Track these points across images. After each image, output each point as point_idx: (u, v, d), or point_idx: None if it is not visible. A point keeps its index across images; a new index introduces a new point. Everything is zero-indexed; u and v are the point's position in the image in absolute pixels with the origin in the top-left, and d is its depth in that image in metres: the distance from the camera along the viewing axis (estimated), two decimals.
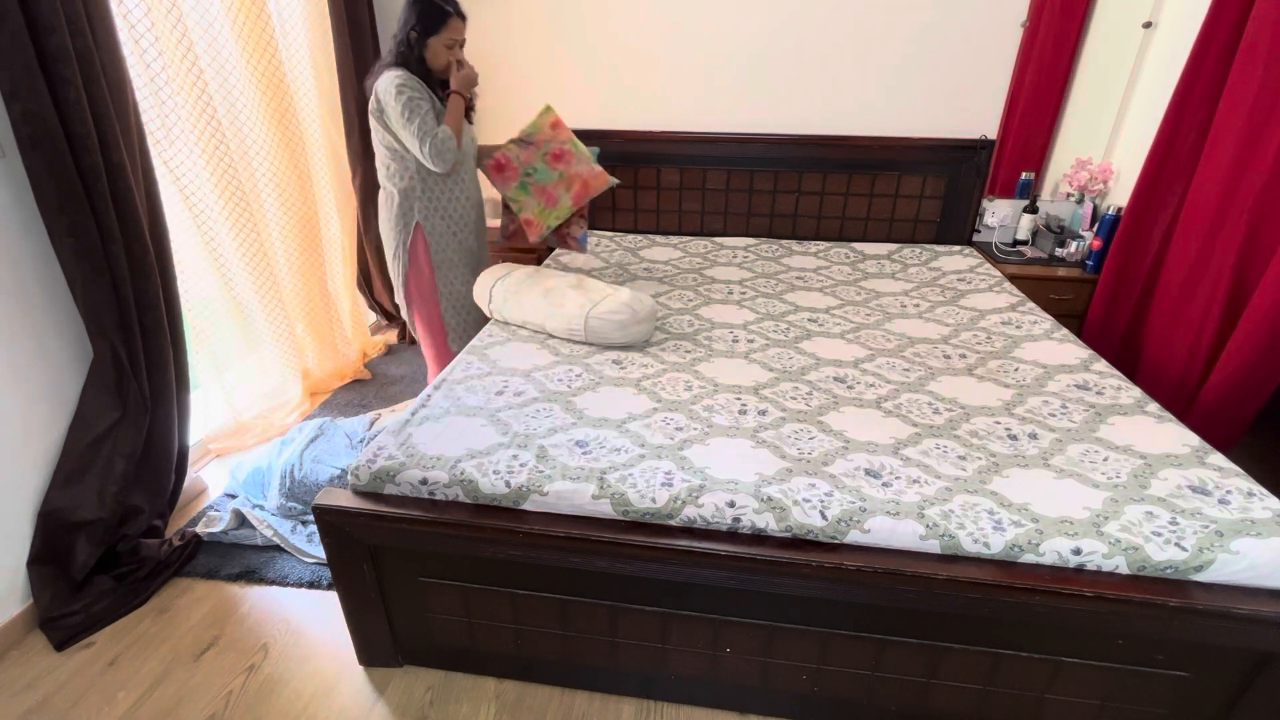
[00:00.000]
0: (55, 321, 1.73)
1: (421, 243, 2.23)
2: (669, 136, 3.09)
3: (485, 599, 1.49)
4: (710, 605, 1.39)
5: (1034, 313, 2.33)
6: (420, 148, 2.02)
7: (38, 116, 1.50)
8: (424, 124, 2.01)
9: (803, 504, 1.34)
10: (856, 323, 2.28)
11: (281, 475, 2.14)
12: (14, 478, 1.67)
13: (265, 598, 1.87)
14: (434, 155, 2.03)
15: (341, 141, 2.94)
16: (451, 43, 2.06)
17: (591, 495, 1.37)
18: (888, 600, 1.28)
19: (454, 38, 2.06)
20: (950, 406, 1.73)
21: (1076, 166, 2.92)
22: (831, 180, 3.07)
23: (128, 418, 1.81)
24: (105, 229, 1.66)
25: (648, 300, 2.09)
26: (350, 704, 1.57)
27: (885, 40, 2.88)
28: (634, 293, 2.07)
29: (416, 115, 2.00)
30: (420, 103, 2.01)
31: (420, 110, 2.01)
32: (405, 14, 2.02)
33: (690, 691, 1.55)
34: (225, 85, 2.30)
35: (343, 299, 3.10)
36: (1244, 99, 2.09)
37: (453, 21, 2.04)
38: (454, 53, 2.08)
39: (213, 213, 2.29)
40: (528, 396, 1.76)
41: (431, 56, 2.06)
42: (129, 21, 1.91)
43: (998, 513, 1.31)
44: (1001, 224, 3.08)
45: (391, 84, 1.99)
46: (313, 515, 1.44)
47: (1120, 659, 1.28)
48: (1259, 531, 1.24)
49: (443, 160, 2.05)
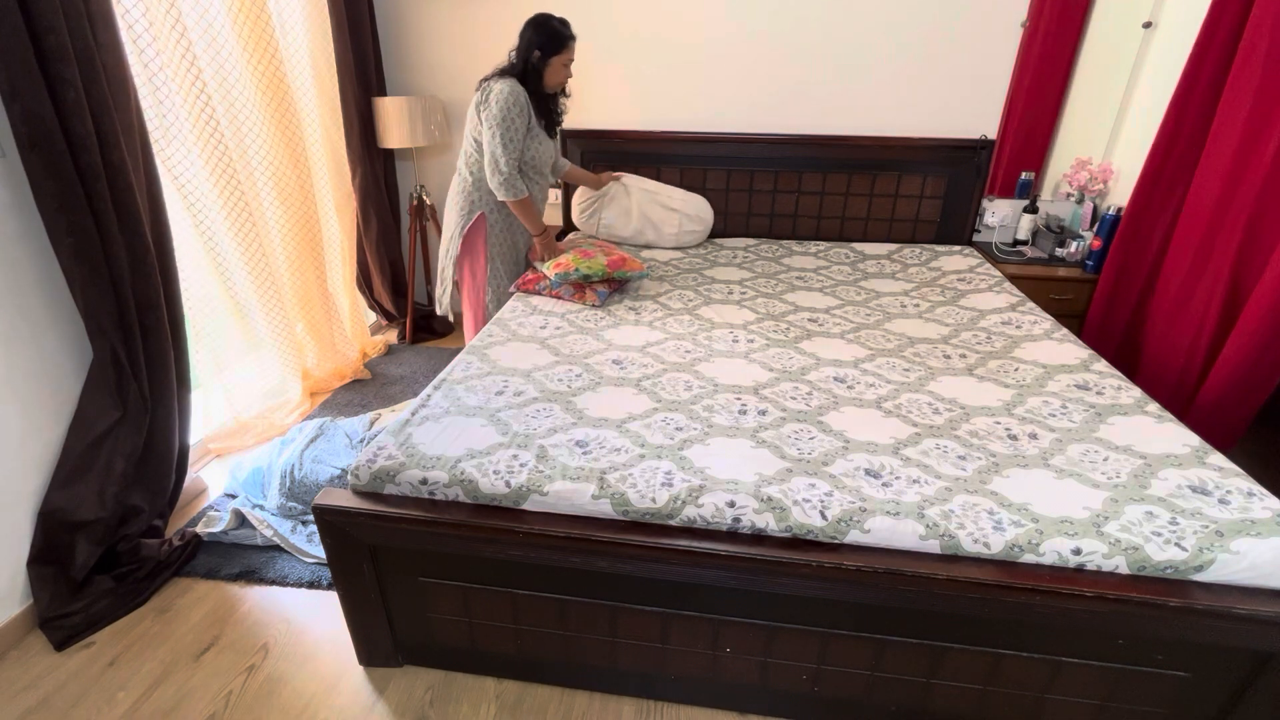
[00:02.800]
0: (55, 321, 1.73)
1: (482, 231, 2.49)
2: (669, 136, 3.09)
3: (485, 599, 1.49)
4: (710, 605, 1.39)
5: (1034, 313, 2.33)
6: (494, 168, 2.31)
7: (37, 116, 1.50)
8: (508, 152, 2.29)
9: (803, 504, 1.34)
10: (856, 323, 2.28)
11: (281, 475, 2.14)
12: (14, 478, 1.67)
13: (265, 598, 1.87)
14: (499, 183, 2.32)
15: (341, 141, 2.94)
16: (568, 61, 2.35)
17: (591, 495, 1.37)
18: (888, 600, 1.28)
19: (570, 58, 2.35)
20: (950, 406, 1.73)
21: (1076, 166, 2.92)
22: (831, 180, 3.07)
23: (128, 418, 1.81)
24: (105, 229, 1.66)
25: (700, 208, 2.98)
26: (350, 704, 1.57)
27: (885, 40, 2.88)
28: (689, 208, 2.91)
29: (510, 141, 2.29)
30: (518, 130, 2.30)
31: (515, 138, 2.30)
32: (530, 36, 2.28)
33: (690, 691, 1.55)
34: (225, 85, 2.30)
35: (343, 299, 3.10)
36: (1243, 99, 2.10)
37: (571, 44, 2.33)
38: (568, 70, 2.37)
39: (213, 213, 2.29)
40: (528, 396, 1.76)
41: (551, 74, 2.34)
42: (128, 21, 1.91)
43: (998, 513, 1.31)
44: (1001, 224, 3.08)
45: (507, 95, 2.25)
46: (313, 515, 1.44)
47: (1120, 659, 1.28)
48: (1259, 531, 1.24)
49: (500, 192, 2.35)
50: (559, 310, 2.37)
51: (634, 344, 2.09)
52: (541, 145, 2.45)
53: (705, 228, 3.09)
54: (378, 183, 3.16)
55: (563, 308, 2.40)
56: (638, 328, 2.22)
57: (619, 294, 2.51)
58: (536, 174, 2.51)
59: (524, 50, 2.29)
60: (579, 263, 2.40)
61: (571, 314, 2.34)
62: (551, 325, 2.24)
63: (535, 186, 2.53)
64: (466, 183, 2.46)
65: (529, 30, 2.28)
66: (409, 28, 3.13)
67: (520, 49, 2.31)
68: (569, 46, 2.32)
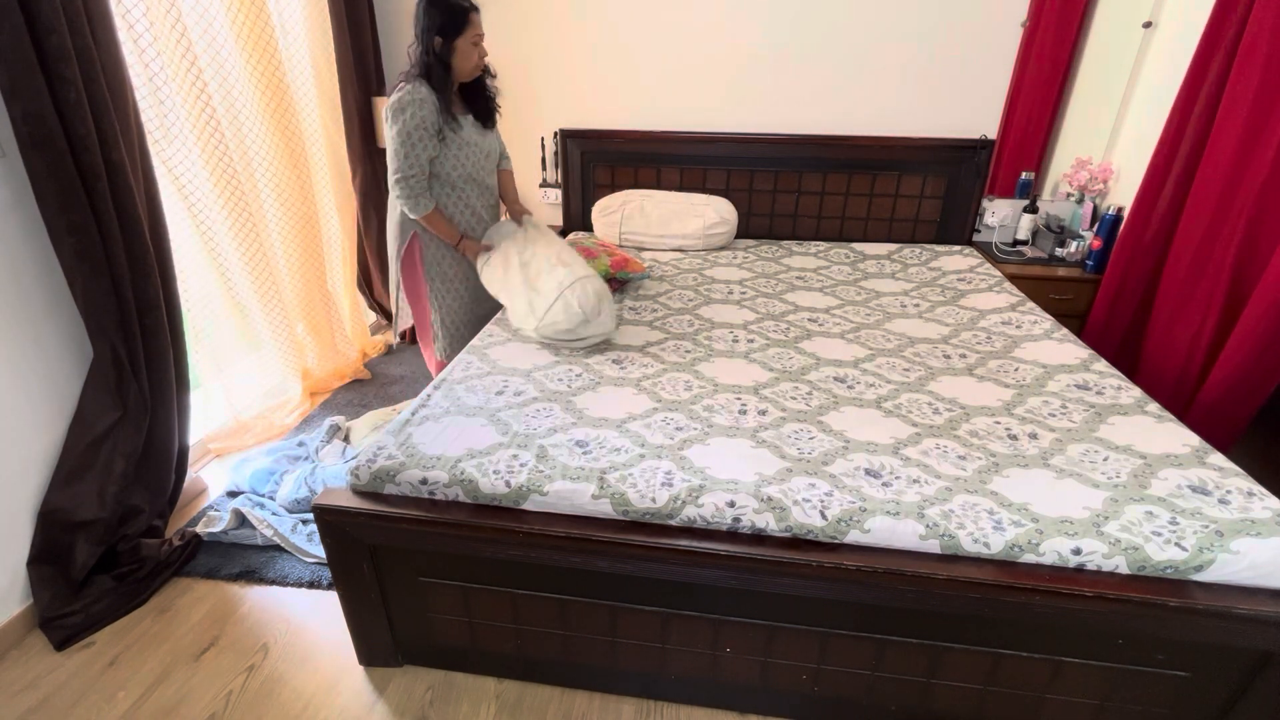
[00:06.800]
0: (55, 321, 1.73)
1: (416, 253, 2.20)
2: (669, 136, 3.09)
3: (485, 599, 1.49)
4: (710, 605, 1.39)
5: (1034, 313, 2.33)
6: (394, 181, 2.00)
7: (38, 116, 1.50)
8: (406, 166, 1.98)
9: (803, 504, 1.34)
10: (856, 323, 2.28)
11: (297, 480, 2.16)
12: (14, 478, 1.67)
13: (265, 598, 1.87)
14: (403, 196, 2.02)
15: (341, 141, 2.94)
16: (477, 39, 1.99)
17: (591, 495, 1.37)
18: (888, 600, 1.28)
19: (478, 34, 1.98)
20: (950, 406, 1.73)
21: (1076, 166, 2.92)
22: (831, 180, 3.07)
23: (128, 418, 1.81)
24: (105, 229, 1.66)
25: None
26: (350, 704, 1.57)
27: (885, 40, 2.88)
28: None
29: (410, 154, 1.97)
30: (419, 140, 1.97)
31: (415, 150, 1.97)
32: (423, 21, 1.92)
33: (690, 691, 1.55)
34: (225, 85, 2.30)
35: (343, 299, 3.10)
36: (1243, 99, 2.09)
37: (473, 17, 1.96)
38: (480, 49, 2.01)
39: (213, 213, 2.29)
40: (528, 396, 1.76)
41: (461, 59, 1.98)
42: (128, 21, 1.91)
43: (998, 513, 1.31)
44: (1001, 224, 3.08)
45: (399, 104, 1.93)
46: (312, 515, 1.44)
47: (1120, 659, 1.28)
48: (1259, 531, 1.24)
49: (407, 209, 2.05)
50: None
51: (634, 344, 2.09)
52: (465, 150, 2.10)
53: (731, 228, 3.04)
54: (378, 183, 3.16)
55: None
56: (638, 327, 2.22)
57: (619, 294, 2.52)
58: (466, 183, 2.15)
59: (423, 40, 1.94)
60: None
61: None
62: None
63: (469, 195, 2.18)
64: (396, 204, 2.13)
65: (421, 15, 1.92)
66: (409, 28, 3.12)
67: (419, 39, 1.95)
68: (472, 20, 1.95)
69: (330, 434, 2.45)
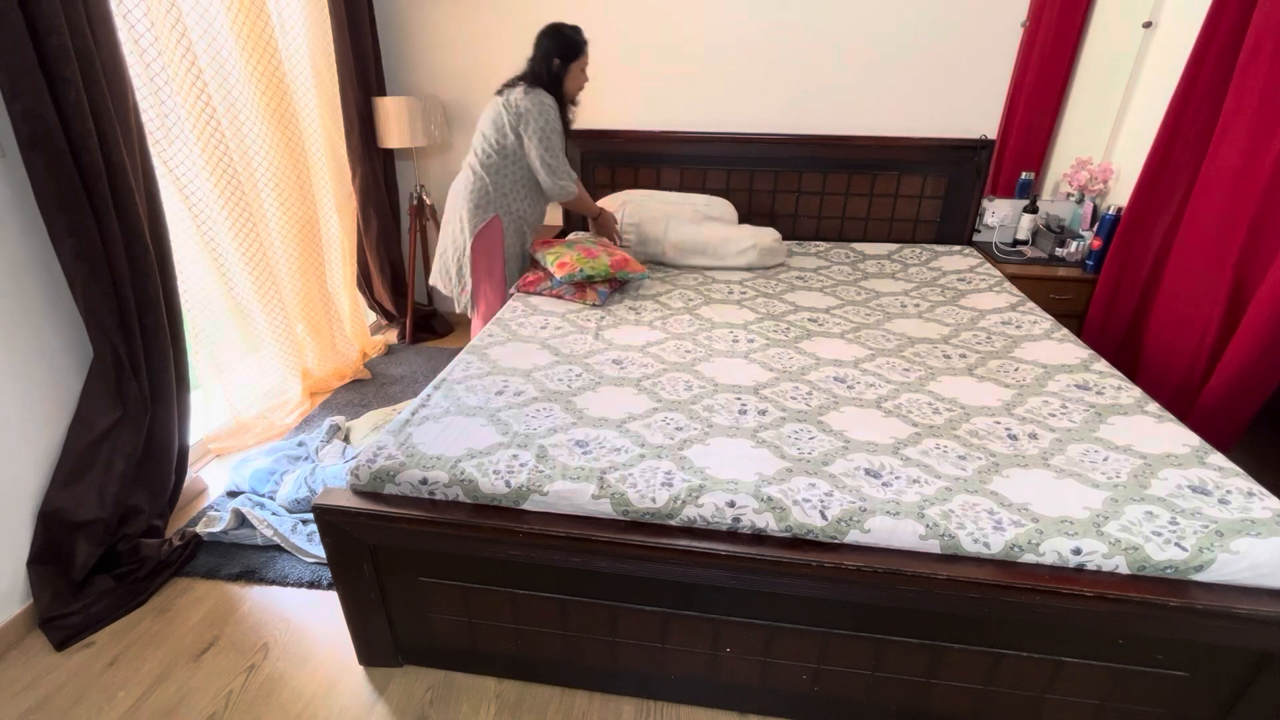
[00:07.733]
0: (55, 321, 1.73)
1: (498, 234, 2.55)
2: (669, 136, 3.09)
3: (485, 599, 1.49)
4: (710, 605, 1.39)
5: (1034, 313, 2.33)
6: (551, 177, 2.45)
7: (38, 116, 1.50)
8: (560, 158, 2.44)
9: (803, 504, 1.34)
10: (856, 322, 2.28)
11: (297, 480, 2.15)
12: (14, 478, 1.67)
13: (265, 598, 1.87)
14: (556, 190, 2.48)
15: (341, 141, 2.94)
16: (584, 66, 2.42)
17: (591, 495, 1.37)
18: (888, 600, 1.28)
19: (586, 62, 2.42)
20: (950, 406, 1.73)
21: (1076, 166, 2.92)
22: (831, 180, 3.07)
23: (128, 418, 1.81)
24: (105, 229, 1.66)
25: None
26: (350, 704, 1.57)
27: (885, 40, 2.88)
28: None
29: (559, 147, 2.43)
30: (561, 136, 2.42)
31: (561, 145, 2.43)
32: (547, 44, 2.35)
33: (690, 691, 1.55)
34: (225, 85, 2.30)
35: (343, 299, 3.10)
36: (1248, 100, 2.09)
37: (586, 49, 2.40)
38: (585, 75, 2.45)
39: (212, 213, 2.29)
40: (528, 396, 1.76)
41: (571, 80, 2.42)
42: (129, 21, 1.91)
43: (998, 512, 1.31)
44: (1001, 224, 3.08)
45: (548, 107, 2.36)
46: (312, 515, 1.44)
47: (1120, 659, 1.28)
48: (1259, 531, 1.24)
49: (560, 196, 2.51)
50: (559, 310, 2.37)
51: (634, 344, 2.09)
52: None
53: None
54: (378, 183, 3.16)
55: (563, 307, 2.40)
56: (638, 327, 2.22)
57: (619, 294, 2.52)
58: None
59: (543, 58, 2.36)
60: (583, 263, 2.40)
61: (572, 314, 2.34)
62: (552, 325, 2.24)
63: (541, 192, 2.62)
64: (484, 182, 2.46)
65: (545, 39, 2.36)
66: (409, 28, 3.13)
67: (538, 58, 2.37)
68: (585, 52, 2.40)
69: (330, 434, 2.45)
